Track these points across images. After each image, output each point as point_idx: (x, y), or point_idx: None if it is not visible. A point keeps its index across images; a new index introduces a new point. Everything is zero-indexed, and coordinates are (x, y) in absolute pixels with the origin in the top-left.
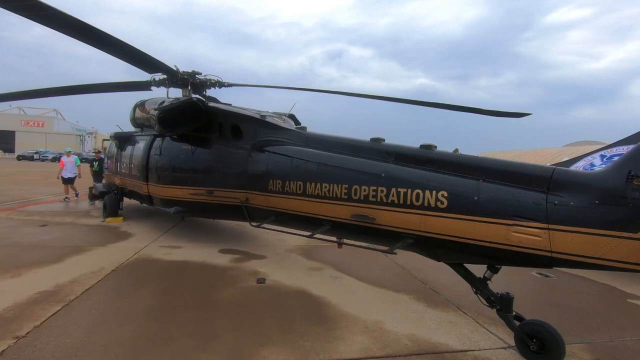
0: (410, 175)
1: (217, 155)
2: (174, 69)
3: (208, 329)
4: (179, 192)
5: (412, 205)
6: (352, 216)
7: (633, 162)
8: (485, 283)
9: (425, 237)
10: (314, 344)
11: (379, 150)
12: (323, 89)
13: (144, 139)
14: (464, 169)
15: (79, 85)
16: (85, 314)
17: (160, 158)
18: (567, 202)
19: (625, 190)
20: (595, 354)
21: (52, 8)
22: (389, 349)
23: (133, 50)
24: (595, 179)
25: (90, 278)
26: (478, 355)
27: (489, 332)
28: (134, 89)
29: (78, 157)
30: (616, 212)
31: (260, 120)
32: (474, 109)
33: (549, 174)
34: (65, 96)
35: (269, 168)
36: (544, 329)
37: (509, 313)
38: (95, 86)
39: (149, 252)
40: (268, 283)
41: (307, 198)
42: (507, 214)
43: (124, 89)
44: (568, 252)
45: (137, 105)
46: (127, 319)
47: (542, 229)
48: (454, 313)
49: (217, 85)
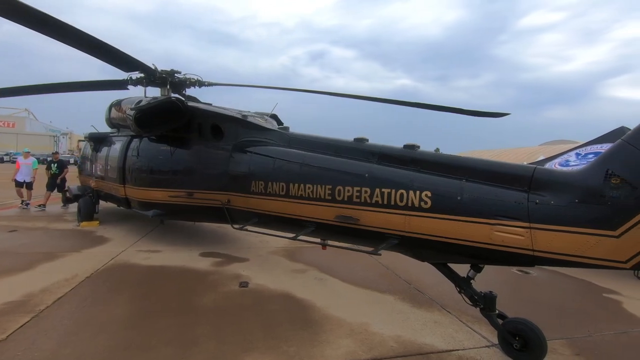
0: (393, 175)
1: (197, 156)
2: (152, 68)
3: (188, 335)
4: (157, 194)
5: (396, 206)
6: (336, 217)
7: (611, 161)
8: (469, 282)
9: (409, 238)
10: (298, 349)
11: (362, 151)
12: (306, 89)
13: (121, 140)
14: (447, 168)
15: (52, 84)
16: (57, 325)
17: (137, 159)
18: (548, 201)
19: (604, 188)
20: (575, 349)
21: (22, 3)
22: (375, 351)
23: (108, 48)
24: (575, 178)
25: (62, 286)
26: (462, 355)
27: (472, 330)
28: (110, 87)
29: (37, 160)
30: (595, 211)
31: (241, 120)
32: (455, 109)
33: (530, 173)
34: (38, 95)
35: (251, 169)
36: (527, 326)
37: (492, 312)
38: (70, 85)
39: (127, 257)
40: (251, 287)
41: (290, 199)
42: (490, 214)
43: (99, 87)
44: (550, 250)
45: (112, 104)
46: (102, 328)
47: (524, 228)
48: (438, 312)
49: (197, 85)
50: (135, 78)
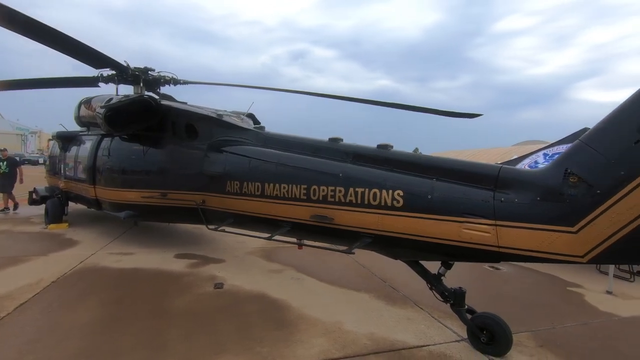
0: (367, 175)
1: (171, 156)
2: (124, 65)
3: (159, 340)
4: (130, 195)
5: (370, 205)
6: (311, 217)
7: (569, 161)
8: (440, 279)
9: (382, 236)
10: (271, 349)
11: (337, 150)
12: (286, 89)
13: (91, 139)
14: (418, 168)
15: (20, 80)
16: (18, 332)
17: (109, 159)
18: (512, 199)
19: (563, 187)
20: (539, 341)
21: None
22: (348, 349)
23: (75, 44)
24: (537, 177)
25: (26, 292)
26: (433, 350)
27: (444, 326)
28: (80, 85)
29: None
30: (555, 208)
31: (216, 120)
32: (431, 109)
33: (495, 172)
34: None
35: (226, 169)
36: (493, 321)
37: (462, 307)
38: (39, 81)
39: (97, 260)
40: (226, 288)
41: (266, 199)
42: (459, 212)
43: (69, 84)
44: (514, 246)
45: (82, 102)
46: (68, 334)
47: (490, 225)
48: (411, 309)
49: (172, 83)
50: (107, 75)
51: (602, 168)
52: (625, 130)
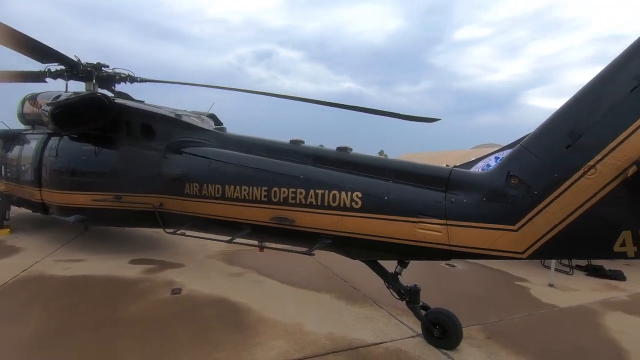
0: (327, 177)
1: (126, 157)
2: (74, 60)
3: (108, 350)
4: (79, 198)
5: (329, 206)
6: (271, 219)
7: (511, 164)
8: (396, 277)
9: (341, 237)
10: (229, 353)
11: (297, 152)
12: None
13: (36, 138)
14: (376, 170)
15: None
16: None
17: (56, 160)
18: (462, 199)
19: (505, 188)
20: (487, 334)
21: None
22: (307, 350)
23: (17, 35)
24: (483, 179)
25: None
26: (390, 346)
27: (401, 323)
28: (25, 79)
29: None
30: (499, 208)
31: (174, 120)
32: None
33: (447, 174)
34: None
35: (184, 170)
36: (445, 316)
37: (417, 304)
38: None
39: (42, 267)
40: (184, 293)
41: (226, 201)
42: (414, 212)
43: (12, 78)
44: (463, 244)
45: (26, 98)
46: (7, 349)
47: (442, 225)
48: (370, 308)
49: (129, 80)
50: (55, 70)
51: (539, 171)
52: (558, 137)
